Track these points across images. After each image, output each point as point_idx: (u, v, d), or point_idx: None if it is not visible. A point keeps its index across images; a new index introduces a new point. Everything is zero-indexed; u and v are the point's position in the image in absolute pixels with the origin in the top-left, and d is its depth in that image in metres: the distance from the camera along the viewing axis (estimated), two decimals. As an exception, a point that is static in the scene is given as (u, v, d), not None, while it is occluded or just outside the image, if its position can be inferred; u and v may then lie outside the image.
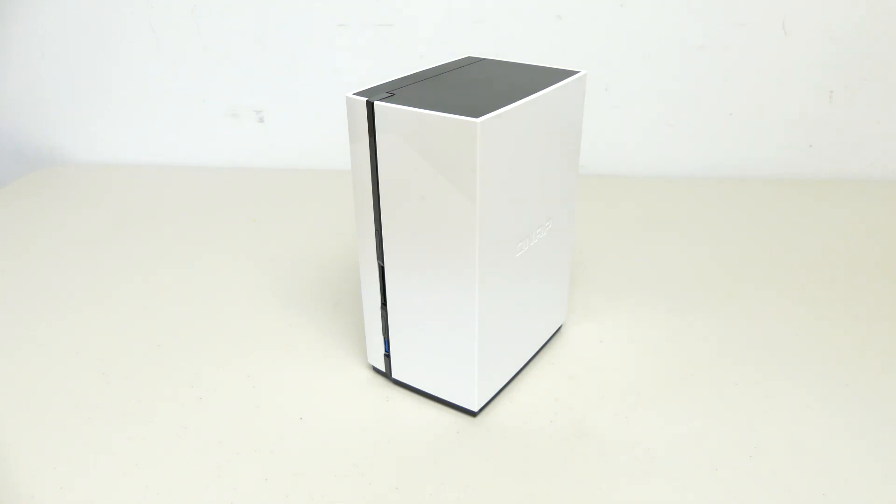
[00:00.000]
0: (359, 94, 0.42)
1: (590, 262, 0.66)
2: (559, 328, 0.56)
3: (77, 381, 0.51)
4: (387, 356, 0.49)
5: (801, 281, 0.63)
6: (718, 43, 0.81)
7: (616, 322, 0.57)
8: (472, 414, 0.47)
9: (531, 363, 0.52)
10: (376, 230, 0.44)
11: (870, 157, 0.86)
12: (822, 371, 0.51)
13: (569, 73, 0.46)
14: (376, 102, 0.40)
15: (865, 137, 0.85)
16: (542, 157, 0.45)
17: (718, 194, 0.82)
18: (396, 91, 0.42)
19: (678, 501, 0.41)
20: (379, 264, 0.46)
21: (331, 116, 0.88)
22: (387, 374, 0.50)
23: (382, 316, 0.47)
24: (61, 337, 0.57)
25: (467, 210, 0.39)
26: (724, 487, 0.42)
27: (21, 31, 0.89)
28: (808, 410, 0.47)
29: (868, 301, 0.60)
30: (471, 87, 0.44)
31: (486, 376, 0.46)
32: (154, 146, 0.94)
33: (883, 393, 0.49)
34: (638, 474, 0.43)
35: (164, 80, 0.90)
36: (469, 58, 0.51)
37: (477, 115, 0.37)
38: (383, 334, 0.48)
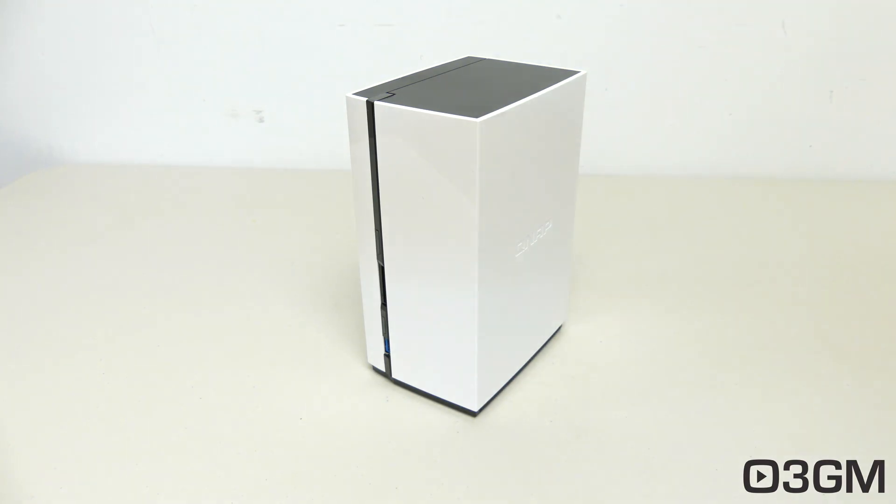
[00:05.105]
0: (359, 94, 0.42)
1: (590, 262, 0.66)
2: (559, 328, 0.56)
3: (77, 382, 0.51)
4: (387, 356, 0.49)
5: (801, 280, 0.63)
6: (718, 43, 0.81)
7: (616, 322, 0.57)
8: (472, 414, 0.47)
9: (531, 363, 0.52)
10: (376, 230, 0.44)
11: (870, 157, 0.86)
12: (822, 371, 0.51)
13: (569, 73, 0.46)
14: (376, 102, 0.40)
15: (865, 137, 0.85)
16: (542, 157, 0.45)
17: (718, 194, 0.82)
18: (396, 91, 0.42)
19: (678, 501, 0.41)
20: (379, 264, 0.46)
21: (331, 116, 0.88)
22: (387, 374, 0.50)
23: (382, 316, 0.47)
24: (61, 337, 0.56)
25: (467, 210, 0.39)
26: (725, 487, 0.42)
27: (21, 31, 0.89)
28: (808, 410, 0.47)
29: (868, 301, 0.60)
30: (471, 87, 0.44)
31: (486, 376, 0.46)
32: (154, 146, 0.94)
33: (883, 393, 0.49)
34: (638, 474, 0.43)
35: (163, 79, 0.90)
36: (469, 58, 0.51)
37: (477, 115, 0.37)
38: (383, 334, 0.48)
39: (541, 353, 0.53)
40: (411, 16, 0.82)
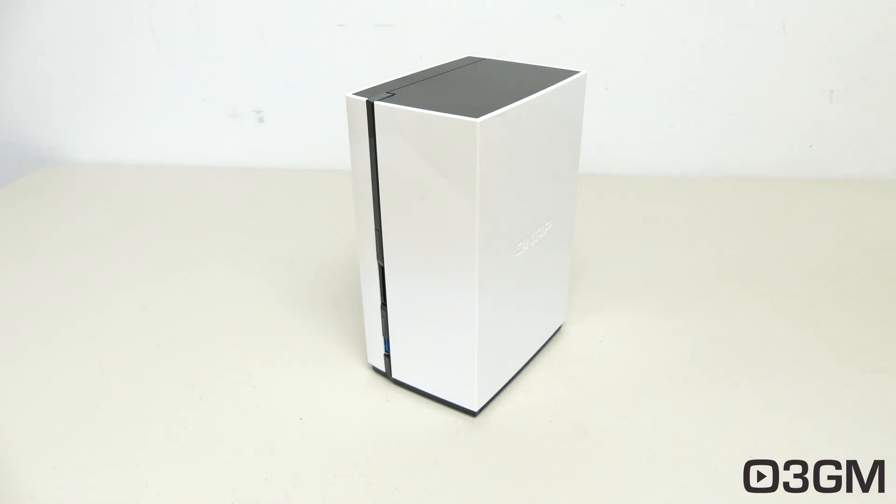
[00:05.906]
0: (359, 94, 0.42)
1: (590, 262, 0.66)
2: (559, 328, 0.56)
3: (77, 381, 0.51)
4: (387, 356, 0.49)
5: (801, 281, 0.63)
6: (718, 43, 0.81)
7: (616, 322, 0.57)
8: (472, 414, 0.47)
9: (531, 363, 0.52)
10: (376, 230, 0.44)
11: (870, 157, 0.86)
12: (821, 371, 0.51)
13: (569, 73, 0.46)
14: (376, 102, 0.40)
15: (865, 137, 0.85)
16: (542, 157, 0.45)
17: (718, 194, 0.82)
18: (396, 91, 0.42)
19: (678, 501, 0.41)
20: (379, 264, 0.46)
21: (331, 116, 0.88)
22: (387, 374, 0.50)
23: (382, 316, 0.47)
24: (61, 337, 0.57)
25: (467, 210, 0.39)
26: (725, 487, 0.42)
27: (21, 30, 0.89)
28: (808, 410, 0.47)
29: (868, 301, 0.60)
30: (471, 87, 0.44)
31: (486, 376, 0.46)
32: (154, 146, 0.94)
33: (883, 393, 0.49)
34: (638, 474, 0.43)
35: (164, 80, 0.90)
36: (469, 58, 0.51)
37: (477, 115, 0.37)
38: (383, 334, 0.48)
39: (541, 353, 0.53)
40: (411, 16, 0.82)
